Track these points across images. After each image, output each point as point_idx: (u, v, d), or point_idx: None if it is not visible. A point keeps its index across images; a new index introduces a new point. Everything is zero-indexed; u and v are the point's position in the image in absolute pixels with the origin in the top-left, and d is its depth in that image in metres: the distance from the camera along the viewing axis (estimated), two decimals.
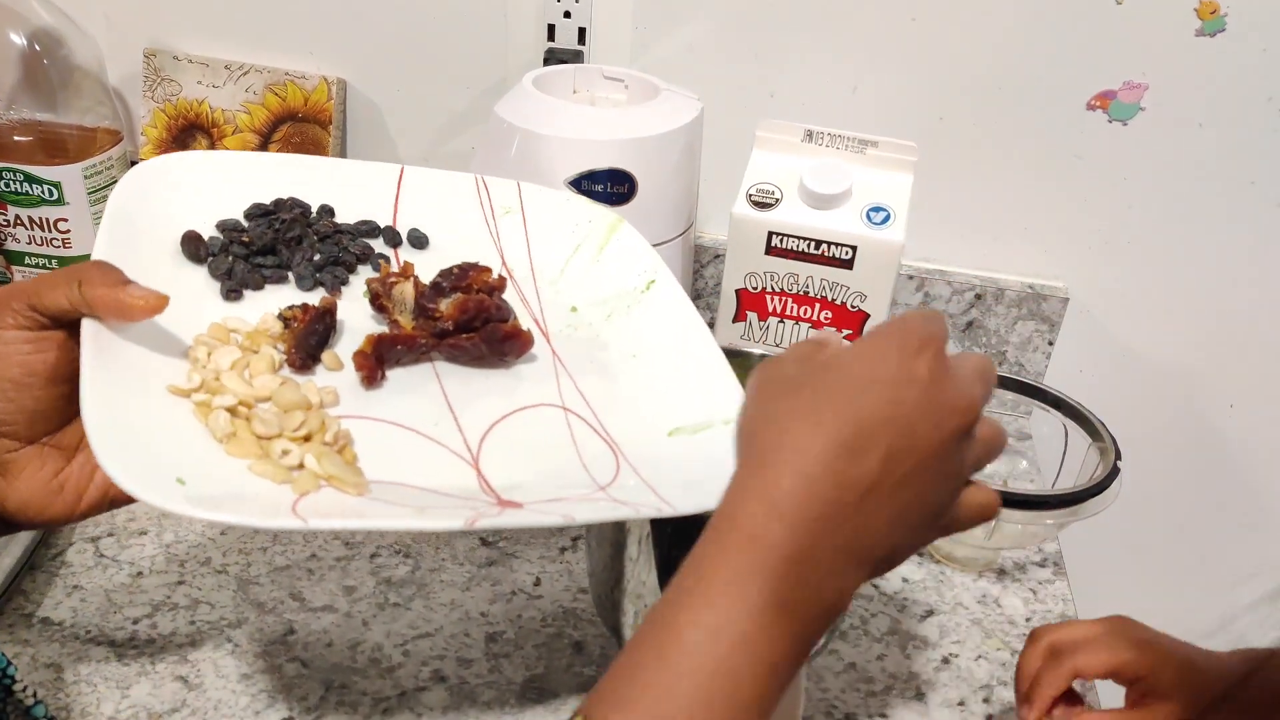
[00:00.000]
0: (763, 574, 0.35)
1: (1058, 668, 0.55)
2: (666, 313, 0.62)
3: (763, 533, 0.36)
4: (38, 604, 0.68)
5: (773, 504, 0.36)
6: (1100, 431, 0.77)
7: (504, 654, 0.67)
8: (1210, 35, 0.85)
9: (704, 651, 0.35)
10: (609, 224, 0.66)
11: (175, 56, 1.00)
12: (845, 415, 0.37)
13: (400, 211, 0.64)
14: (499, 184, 0.67)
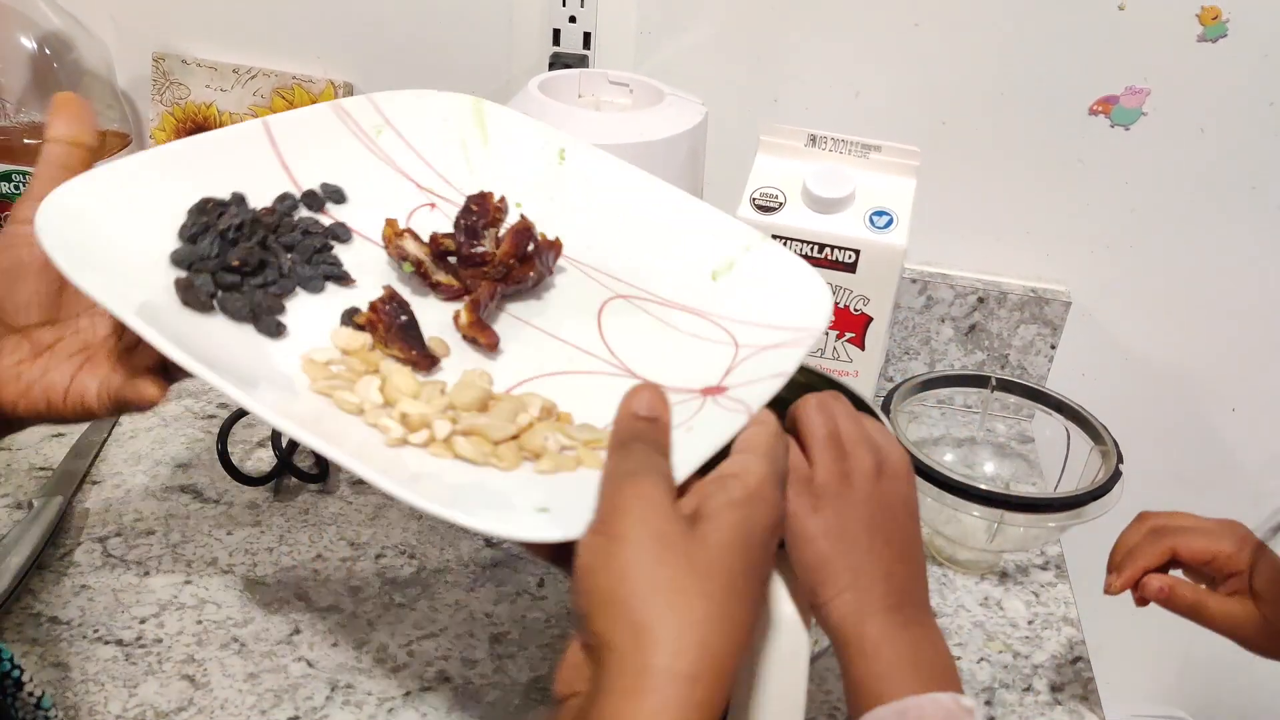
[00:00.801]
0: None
1: (1156, 543, 0.56)
2: (601, 176, 0.61)
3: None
4: (46, 603, 0.68)
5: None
6: (1102, 435, 0.77)
7: (508, 655, 0.67)
8: (1212, 40, 0.85)
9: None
10: (473, 108, 0.63)
11: (184, 60, 1.01)
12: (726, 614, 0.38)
13: (294, 170, 0.56)
14: (354, 104, 0.60)
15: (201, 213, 0.49)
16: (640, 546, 0.38)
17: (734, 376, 0.52)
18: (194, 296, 0.46)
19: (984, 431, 0.90)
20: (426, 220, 0.58)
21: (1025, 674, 0.70)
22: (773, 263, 0.57)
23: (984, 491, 0.72)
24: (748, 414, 0.46)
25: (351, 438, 0.44)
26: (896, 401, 0.80)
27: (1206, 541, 0.55)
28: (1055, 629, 0.74)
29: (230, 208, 0.51)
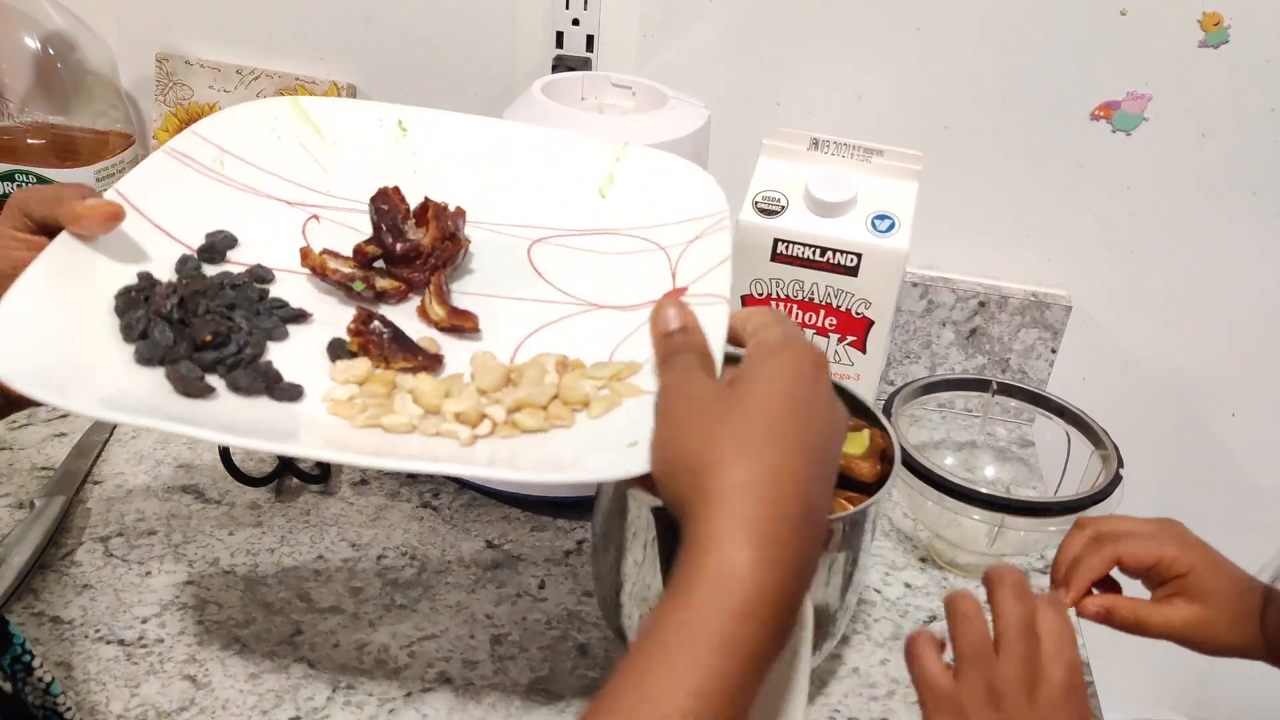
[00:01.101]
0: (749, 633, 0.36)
1: (1099, 552, 0.55)
2: (448, 135, 0.63)
3: (741, 564, 0.36)
4: (48, 603, 0.68)
5: (773, 559, 0.36)
6: (1103, 439, 0.77)
7: (509, 656, 0.67)
8: (1213, 46, 0.85)
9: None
10: (293, 108, 0.62)
11: (187, 61, 1.01)
12: (786, 443, 0.38)
13: (172, 231, 0.54)
14: (183, 143, 0.57)
15: (130, 305, 0.48)
16: (683, 414, 0.41)
17: (682, 277, 0.55)
18: (192, 386, 0.46)
19: (985, 435, 0.91)
20: (317, 233, 0.58)
21: None
22: (647, 165, 0.62)
23: (985, 495, 0.72)
24: (724, 302, 0.50)
25: (430, 451, 0.46)
26: (897, 405, 0.80)
27: (1149, 546, 0.55)
28: None
29: (152, 289, 0.49)
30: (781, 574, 0.36)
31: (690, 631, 0.35)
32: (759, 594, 0.35)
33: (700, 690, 0.34)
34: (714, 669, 0.34)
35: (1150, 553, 0.55)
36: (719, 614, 0.35)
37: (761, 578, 0.36)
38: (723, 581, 0.35)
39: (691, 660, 0.34)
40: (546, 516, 0.80)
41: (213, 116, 0.59)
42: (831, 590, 0.58)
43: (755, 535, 0.36)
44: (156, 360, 0.47)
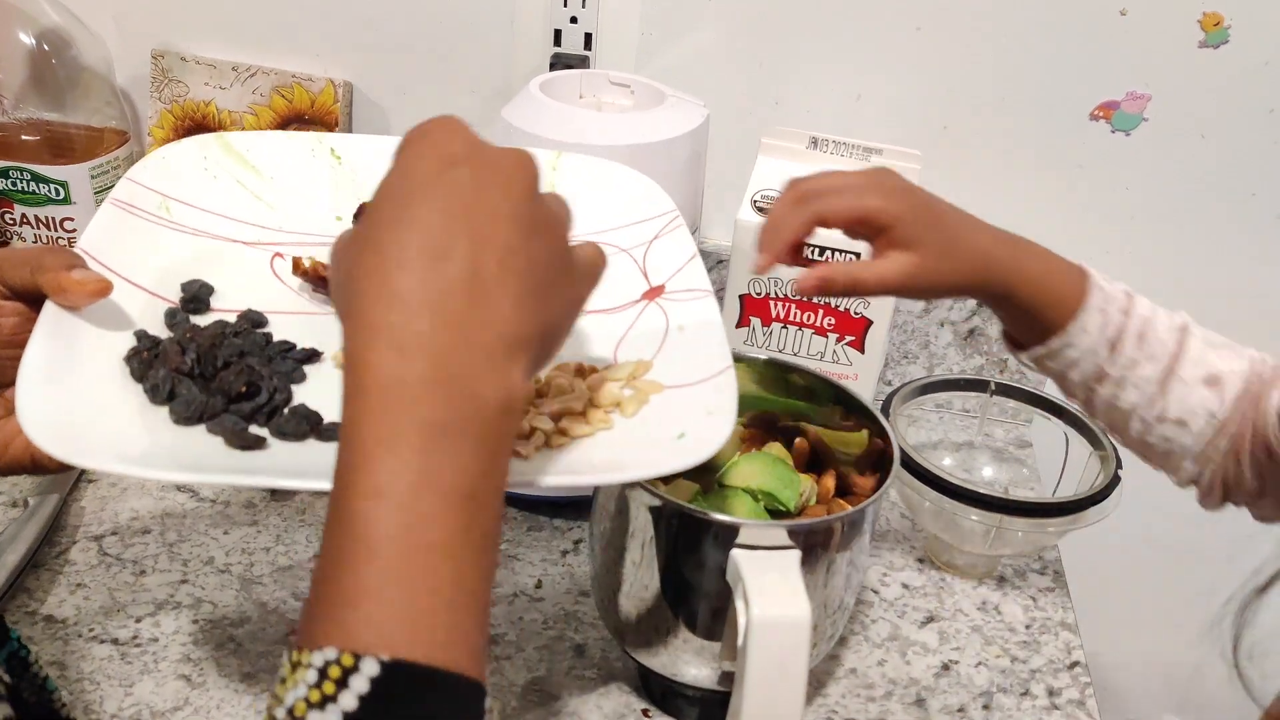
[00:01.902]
0: (409, 413, 0.33)
1: (801, 211, 0.51)
2: (380, 155, 0.62)
3: (390, 370, 0.34)
4: (41, 601, 0.68)
5: (388, 341, 0.34)
6: (1101, 440, 0.77)
7: (505, 656, 0.67)
8: (1213, 47, 0.85)
9: (391, 520, 0.32)
10: (220, 146, 0.62)
11: (183, 58, 1.00)
12: (410, 228, 0.35)
13: (147, 286, 0.53)
14: (124, 191, 0.56)
15: (146, 366, 0.48)
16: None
17: (655, 276, 0.57)
18: (246, 439, 0.46)
19: (982, 436, 0.90)
20: (285, 271, 0.58)
21: (1023, 679, 0.70)
22: (584, 171, 0.64)
23: (983, 495, 0.72)
24: (709, 295, 0.52)
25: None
26: (895, 405, 0.80)
27: (849, 200, 0.51)
28: (1053, 634, 0.74)
29: (157, 347, 0.49)
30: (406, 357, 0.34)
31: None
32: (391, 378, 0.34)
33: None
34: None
35: (851, 206, 0.51)
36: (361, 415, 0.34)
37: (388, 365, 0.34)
38: (353, 378, 0.34)
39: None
40: (543, 516, 0.79)
41: (143, 161, 0.58)
42: (829, 591, 0.58)
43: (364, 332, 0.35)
44: (195, 418, 0.46)
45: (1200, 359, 0.57)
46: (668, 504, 0.55)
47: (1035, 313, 0.57)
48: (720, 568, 0.54)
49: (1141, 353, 0.57)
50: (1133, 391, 0.58)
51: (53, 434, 0.40)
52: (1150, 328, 0.57)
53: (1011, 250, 0.56)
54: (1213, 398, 0.57)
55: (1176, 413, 0.57)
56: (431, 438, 0.33)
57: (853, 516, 0.56)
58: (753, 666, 0.51)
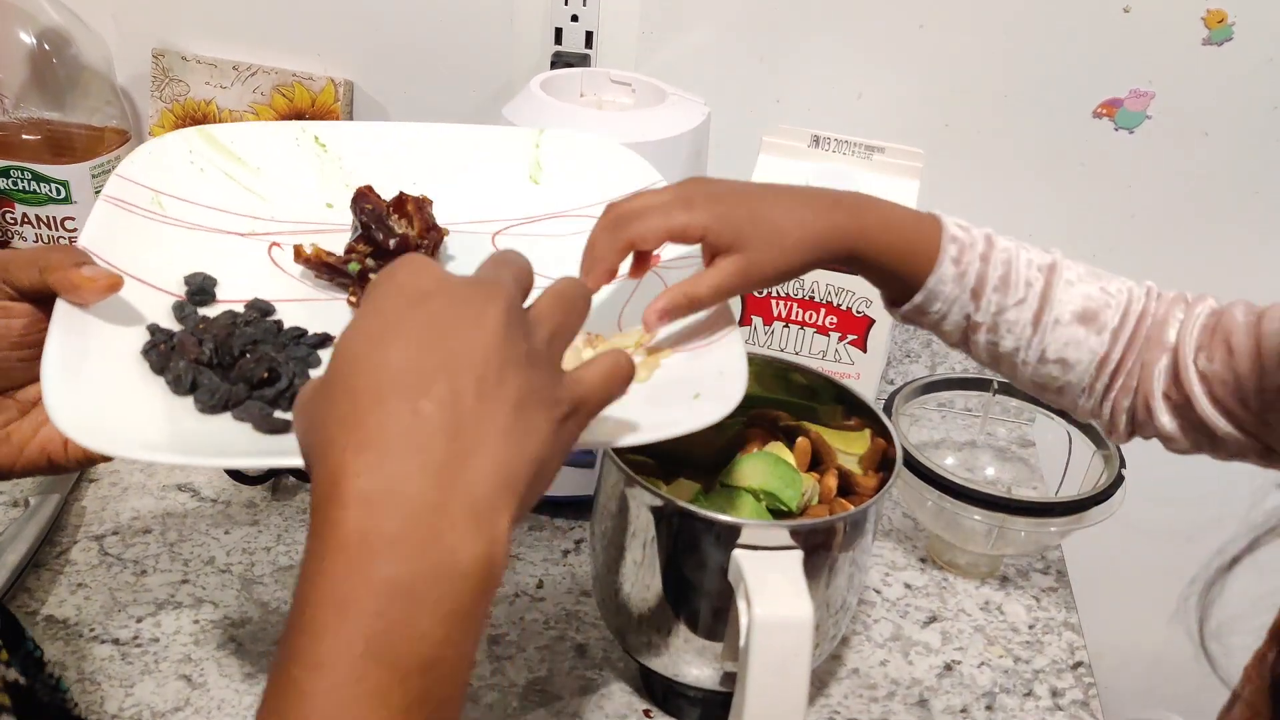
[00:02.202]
0: (369, 573, 0.30)
1: (615, 238, 0.51)
2: (366, 143, 0.63)
3: (355, 525, 0.31)
4: (42, 601, 0.68)
5: (357, 494, 0.31)
6: (1105, 439, 0.77)
7: (507, 656, 0.67)
8: (1217, 44, 0.85)
9: (330, 697, 0.29)
10: (205, 140, 0.62)
11: (183, 57, 1.00)
12: (383, 367, 0.33)
13: (150, 280, 0.53)
14: (116, 188, 0.56)
15: (164, 358, 0.48)
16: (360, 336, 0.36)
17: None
18: (275, 424, 0.46)
19: (985, 435, 0.90)
20: (283, 260, 0.58)
21: (1026, 679, 0.70)
22: (568, 146, 0.64)
23: (985, 495, 0.72)
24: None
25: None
26: (898, 404, 0.80)
27: (659, 220, 0.50)
28: (1056, 634, 0.74)
29: (171, 339, 0.49)
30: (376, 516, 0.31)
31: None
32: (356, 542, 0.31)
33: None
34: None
35: (659, 227, 0.50)
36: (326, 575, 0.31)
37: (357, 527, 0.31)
38: (315, 535, 0.32)
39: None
40: (544, 515, 0.79)
41: (130, 156, 0.58)
42: (832, 591, 0.58)
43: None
44: (220, 406, 0.47)
45: (1069, 297, 0.56)
46: (669, 504, 0.55)
47: (891, 272, 0.56)
48: (722, 568, 0.54)
49: (1007, 297, 0.56)
50: (1008, 336, 0.57)
51: (86, 427, 0.41)
52: (1012, 270, 0.56)
53: (849, 215, 0.55)
54: (1090, 335, 0.56)
55: (1056, 353, 0.57)
56: (391, 601, 0.30)
57: (855, 517, 0.56)
58: (755, 667, 0.51)
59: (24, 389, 0.50)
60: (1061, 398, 0.59)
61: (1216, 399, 0.54)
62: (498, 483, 0.32)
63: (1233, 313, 0.55)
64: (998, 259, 0.56)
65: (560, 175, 0.64)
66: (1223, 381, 0.54)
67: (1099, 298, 0.57)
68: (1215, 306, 0.57)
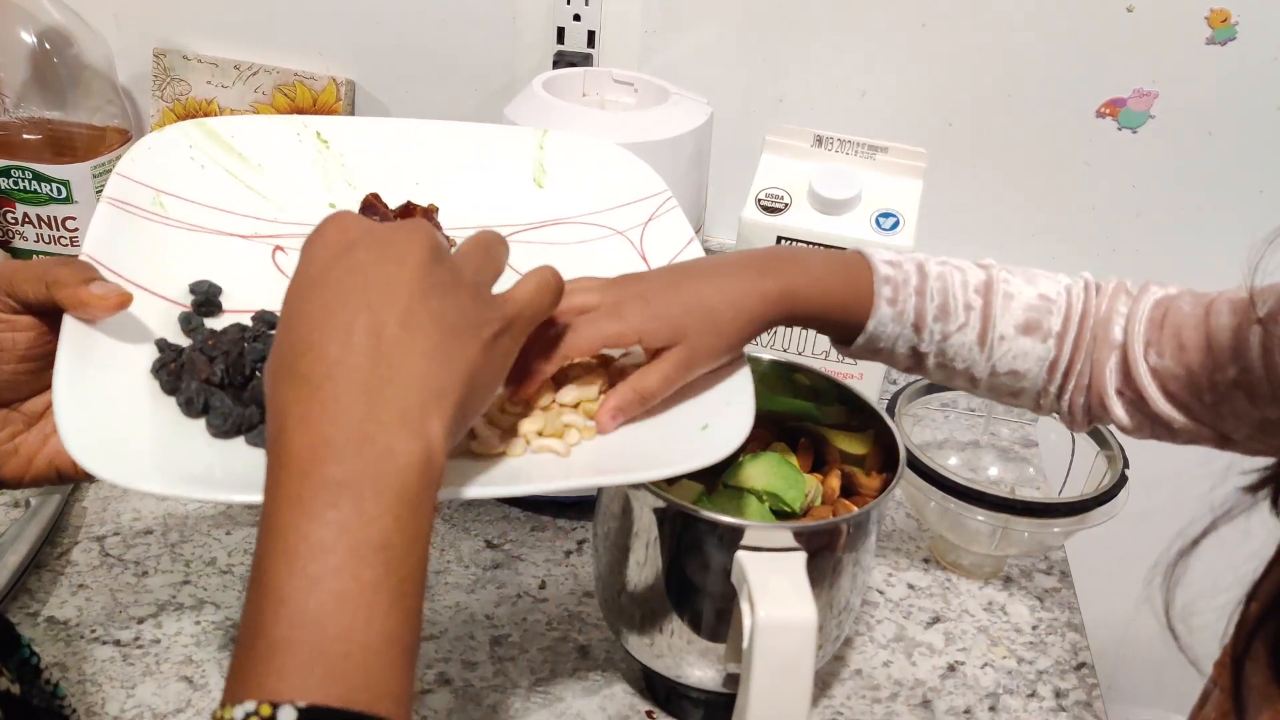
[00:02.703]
0: (317, 476, 0.35)
1: (550, 360, 0.51)
2: (367, 139, 0.63)
3: (300, 441, 0.35)
4: (43, 603, 0.67)
5: (298, 418, 0.36)
6: (1108, 439, 0.77)
7: (509, 657, 0.67)
8: (1221, 44, 0.85)
9: (300, 576, 0.33)
10: (205, 134, 0.61)
11: (185, 56, 1.00)
12: (311, 316, 0.37)
13: (155, 289, 0.53)
14: (116, 188, 0.55)
15: (174, 379, 0.47)
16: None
17: (653, 259, 0.57)
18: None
19: (988, 435, 0.90)
20: (288, 264, 0.57)
21: (1029, 680, 0.70)
22: (573, 149, 0.64)
23: (988, 495, 0.72)
24: None
25: (543, 471, 0.47)
26: (901, 405, 0.80)
27: (589, 336, 0.50)
28: (1059, 634, 0.74)
29: (180, 357, 0.48)
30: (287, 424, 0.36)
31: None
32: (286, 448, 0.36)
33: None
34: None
35: (592, 342, 0.51)
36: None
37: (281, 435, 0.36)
38: (270, 457, 0.36)
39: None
40: (546, 516, 0.79)
41: (130, 153, 0.57)
42: (835, 592, 0.57)
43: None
44: (233, 431, 0.46)
45: (1010, 310, 0.57)
46: (672, 505, 0.55)
47: (829, 322, 0.58)
48: (725, 569, 0.54)
49: (949, 325, 0.57)
50: (956, 360, 0.58)
51: (101, 458, 0.40)
52: (949, 296, 0.57)
53: (778, 281, 0.55)
54: (1036, 344, 0.57)
55: (1006, 366, 0.58)
56: (339, 494, 0.34)
57: (858, 518, 0.56)
58: (758, 669, 0.51)
59: (30, 401, 0.49)
60: (1018, 401, 0.61)
61: (1169, 393, 0.55)
62: (425, 393, 0.37)
63: (1179, 305, 0.55)
64: (932, 289, 0.57)
65: (564, 180, 0.63)
66: (1174, 376, 0.55)
67: (1039, 306, 0.58)
68: (1160, 297, 0.57)
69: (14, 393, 0.49)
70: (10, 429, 0.49)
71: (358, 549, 0.34)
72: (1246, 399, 0.53)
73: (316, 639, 0.33)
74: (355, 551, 0.34)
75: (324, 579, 0.33)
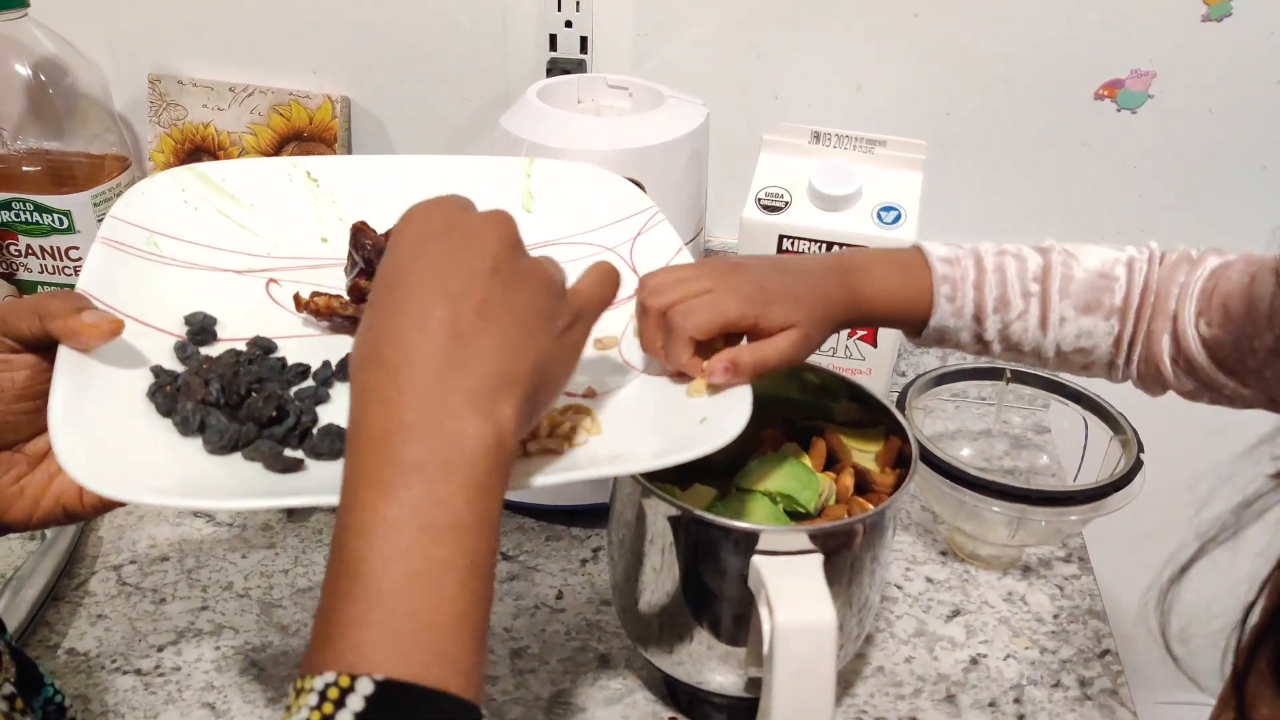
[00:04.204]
0: (394, 456, 0.36)
1: (677, 340, 0.53)
2: (356, 177, 0.64)
3: (378, 423, 0.37)
4: (63, 635, 0.68)
5: (378, 399, 0.37)
6: (1121, 424, 0.76)
7: (529, 669, 0.67)
8: (1217, 20, 0.84)
9: (377, 553, 0.35)
10: (196, 178, 0.61)
11: (180, 81, 1.00)
12: (394, 305, 0.39)
13: (151, 321, 0.53)
14: (111, 229, 0.56)
15: (170, 400, 0.48)
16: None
17: (645, 270, 0.57)
18: (287, 463, 0.47)
19: (1000, 424, 0.90)
20: (281, 296, 0.58)
21: (1053, 670, 0.69)
22: (558, 174, 0.65)
23: (1004, 486, 0.71)
24: None
25: (548, 466, 0.47)
26: (911, 397, 0.79)
27: (709, 315, 0.52)
28: (1081, 622, 0.73)
29: (176, 380, 0.49)
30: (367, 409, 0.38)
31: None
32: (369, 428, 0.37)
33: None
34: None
35: (712, 321, 0.52)
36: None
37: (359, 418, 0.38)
38: (350, 437, 0.38)
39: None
40: (561, 525, 0.79)
41: (124, 197, 0.58)
42: (854, 591, 0.57)
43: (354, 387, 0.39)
44: (229, 447, 0.47)
45: (1069, 293, 0.60)
46: (686, 512, 0.54)
47: (897, 319, 0.62)
48: (742, 574, 0.53)
49: (1009, 314, 0.60)
50: (1022, 342, 0.61)
51: (97, 474, 0.41)
52: (1007, 287, 0.60)
53: (846, 290, 0.58)
54: (1098, 321, 0.60)
55: (1071, 344, 0.61)
56: (413, 475, 0.36)
57: (873, 518, 0.55)
58: (780, 673, 0.50)
59: (33, 441, 0.50)
60: (1091, 373, 0.63)
61: (1218, 360, 0.57)
62: (496, 380, 0.38)
63: (1230, 274, 0.58)
64: (990, 282, 0.60)
65: (552, 204, 0.64)
66: (1222, 344, 0.57)
67: (1099, 284, 0.60)
68: (1215, 266, 0.59)
69: (15, 433, 0.49)
70: (15, 471, 0.49)
71: (429, 529, 0.35)
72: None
73: (388, 616, 0.34)
74: (426, 531, 0.35)
75: (396, 557, 0.35)
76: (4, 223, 0.92)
